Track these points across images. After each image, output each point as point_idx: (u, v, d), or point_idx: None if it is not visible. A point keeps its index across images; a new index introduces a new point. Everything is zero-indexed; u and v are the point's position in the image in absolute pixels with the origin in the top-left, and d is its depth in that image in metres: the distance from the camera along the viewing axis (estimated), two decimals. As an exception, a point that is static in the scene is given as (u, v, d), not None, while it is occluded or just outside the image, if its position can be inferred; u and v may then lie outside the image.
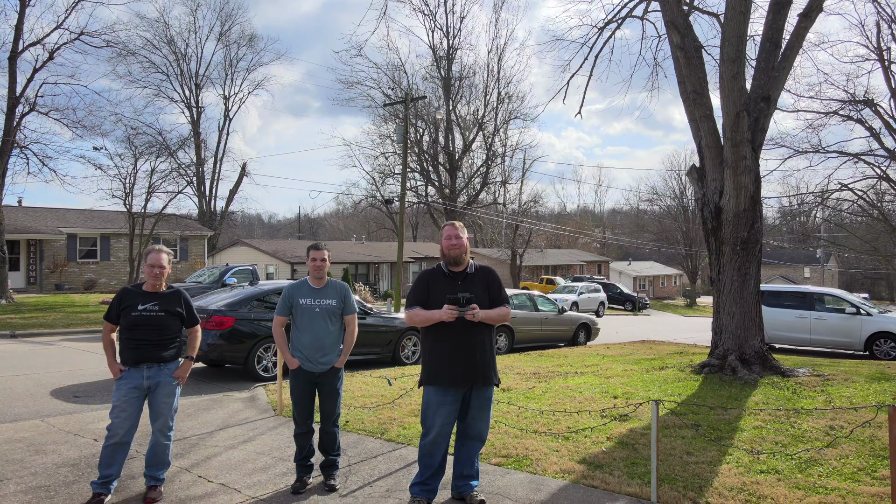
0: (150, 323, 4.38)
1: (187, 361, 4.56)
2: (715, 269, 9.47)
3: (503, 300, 4.37)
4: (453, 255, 4.33)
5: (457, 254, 4.32)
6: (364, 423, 6.51)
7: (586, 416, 6.85)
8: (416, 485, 4.36)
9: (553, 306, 15.40)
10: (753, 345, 9.07)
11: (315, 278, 4.72)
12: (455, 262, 4.34)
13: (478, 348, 4.24)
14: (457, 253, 4.32)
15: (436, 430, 4.24)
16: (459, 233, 4.36)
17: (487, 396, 4.34)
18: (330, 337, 4.68)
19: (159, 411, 4.45)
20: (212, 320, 9.35)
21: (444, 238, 4.39)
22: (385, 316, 11.82)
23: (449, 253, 4.34)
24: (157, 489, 4.46)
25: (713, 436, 6.00)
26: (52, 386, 8.74)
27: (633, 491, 4.56)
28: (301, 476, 4.70)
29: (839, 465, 5.08)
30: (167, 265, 4.48)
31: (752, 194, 8.90)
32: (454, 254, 4.32)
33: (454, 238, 4.34)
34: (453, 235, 4.34)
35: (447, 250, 4.34)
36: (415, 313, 4.31)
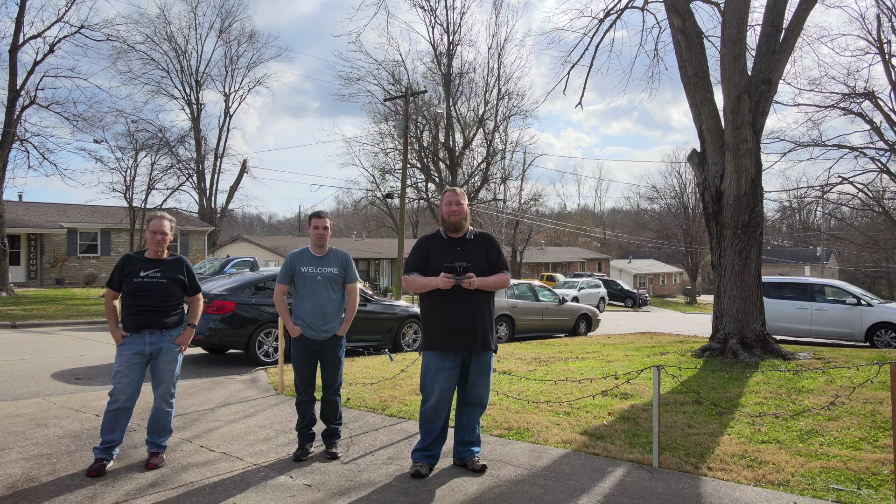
0: (153, 289, 4.38)
1: (189, 329, 4.56)
2: (716, 253, 9.47)
3: (502, 266, 4.35)
4: (453, 222, 4.31)
5: (457, 220, 4.31)
6: (365, 401, 6.51)
7: (588, 395, 6.85)
8: (418, 451, 4.36)
9: (554, 297, 15.40)
10: (754, 328, 9.07)
11: (316, 246, 4.72)
12: (454, 229, 4.33)
13: (476, 314, 4.23)
14: (457, 220, 4.31)
15: (436, 396, 4.24)
16: (460, 199, 4.34)
17: (486, 362, 4.33)
18: (332, 305, 4.68)
19: (161, 377, 4.45)
20: (212, 305, 9.35)
21: (444, 204, 4.37)
22: (386, 303, 11.83)
23: (449, 219, 4.32)
24: (159, 455, 4.46)
25: (714, 411, 6.00)
26: (53, 370, 8.74)
27: (635, 457, 4.56)
28: (303, 444, 4.70)
29: (840, 436, 5.09)
30: (169, 232, 4.48)
31: (753, 177, 8.90)
32: (454, 220, 4.31)
33: (454, 204, 4.32)
34: (454, 201, 4.33)
35: (447, 216, 4.33)
36: (412, 279, 4.31)
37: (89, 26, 21.11)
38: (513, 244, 45.28)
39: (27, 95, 20.23)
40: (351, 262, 4.83)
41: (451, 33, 35.69)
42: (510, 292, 14.33)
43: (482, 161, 40.52)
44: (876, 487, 3.89)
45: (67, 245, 27.28)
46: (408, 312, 11.67)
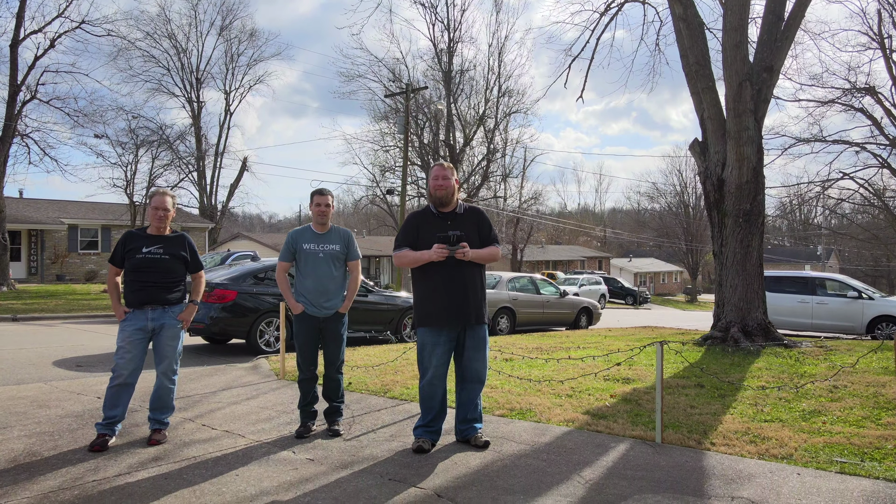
0: (155, 265, 4.37)
1: (191, 305, 4.56)
2: (717, 242, 9.46)
3: (493, 239, 4.34)
4: (440, 196, 4.29)
5: (443, 194, 4.29)
6: (367, 385, 6.51)
7: (590, 379, 6.85)
8: (420, 427, 4.35)
9: (555, 290, 15.39)
10: (756, 317, 9.06)
11: (318, 223, 4.71)
12: (442, 203, 4.31)
13: (469, 287, 4.22)
14: (443, 194, 4.29)
15: (432, 371, 4.23)
16: (448, 174, 4.32)
17: (482, 336, 4.32)
18: (334, 282, 4.67)
19: (164, 354, 4.44)
20: (214, 294, 9.35)
21: (431, 178, 4.35)
22: (387, 294, 11.83)
23: (436, 193, 4.30)
24: (162, 432, 4.45)
25: (717, 393, 5.99)
26: (54, 357, 8.74)
27: (638, 434, 4.55)
28: (305, 421, 4.70)
29: (843, 415, 5.08)
30: (171, 208, 4.48)
31: (755, 166, 8.89)
32: (440, 194, 4.29)
33: (441, 179, 4.30)
34: (441, 176, 4.30)
35: (434, 191, 4.30)
36: (403, 254, 4.28)
37: (90, 22, 21.13)
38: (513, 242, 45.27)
39: (28, 90, 20.23)
40: (353, 239, 4.82)
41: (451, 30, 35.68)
42: (511, 285, 14.32)
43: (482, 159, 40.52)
44: (880, 460, 3.89)
45: (68, 241, 27.27)
46: (409, 304, 11.67)
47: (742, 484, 3.55)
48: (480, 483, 3.61)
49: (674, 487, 3.51)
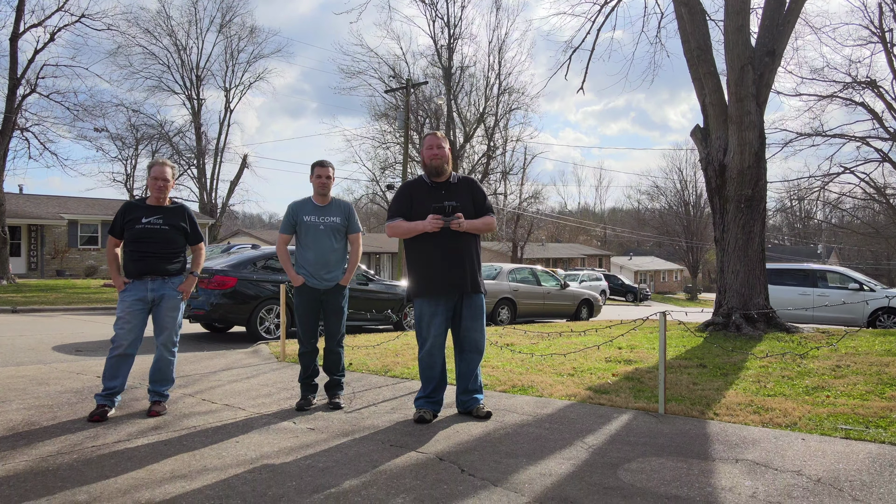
0: (155, 236, 4.34)
1: (191, 277, 4.52)
2: (719, 228, 9.43)
3: (488, 209, 4.30)
4: (434, 166, 4.25)
5: (438, 164, 4.24)
6: (368, 366, 6.48)
7: (592, 359, 6.82)
8: (421, 398, 4.32)
9: (555, 281, 15.36)
10: (758, 303, 9.03)
11: (319, 195, 4.68)
12: (437, 173, 4.27)
13: (465, 256, 4.18)
14: (438, 163, 4.24)
15: (430, 341, 4.20)
16: (441, 142, 4.27)
17: (478, 304, 4.29)
18: (335, 254, 4.64)
19: (164, 325, 4.41)
20: (214, 280, 9.32)
21: (425, 148, 4.29)
22: (388, 283, 11.79)
23: (430, 163, 4.25)
24: (161, 404, 4.42)
25: (719, 372, 5.97)
26: (54, 343, 8.72)
27: (641, 406, 4.53)
28: (305, 394, 4.67)
29: (847, 390, 5.05)
30: (171, 179, 4.45)
31: (757, 150, 8.86)
32: (435, 164, 4.24)
33: (436, 148, 4.24)
34: (435, 145, 4.25)
35: (428, 160, 4.25)
36: (397, 224, 4.23)
37: (90, 16, 21.11)
38: (514, 239, 45.24)
39: (28, 84, 20.20)
40: (354, 211, 4.80)
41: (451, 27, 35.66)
42: (512, 276, 14.29)
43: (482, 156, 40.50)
44: (885, 427, 3.86)
45: (68, 237, 27.24)
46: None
47: (746, 448, 3.52)
48: (483, 448, 3.58)
49: (677, 452, 3.48)
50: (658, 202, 67.26)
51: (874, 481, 2.95)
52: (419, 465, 3.27)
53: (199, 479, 3.06)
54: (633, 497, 2.80)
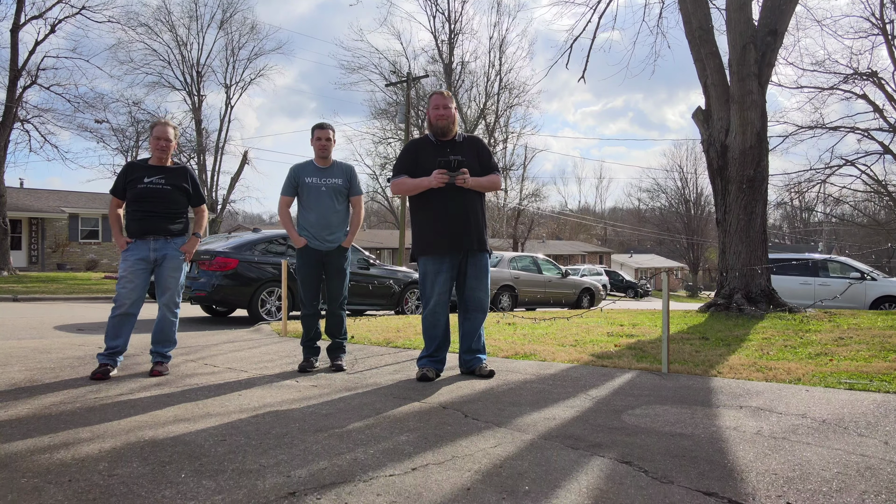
0: (157, 195, 4.33)
1: (194, 238, 4.52)
2: (720, 209, 9.42)
3: (493, 168, 4.28)
4: (441, 126, 4.22)
5: (444, 124, 4.22)
6: (370, 339, 6.48)
7: (594, 334, 6.82)
8: (424, 357, 4.31)
9: (557, 270, 15.36)
10: (760, 283, 9.02)
11: (320, 157, 4.66)
12: (443, 133, 4.23)
13: (470, 213, 4.16)
14: (444, 123, 4.21)
15: (434, 299, 4.19)
16: (448, 102, 4.23)
17: (483, 264, 4.28)
18: (337, 216, 4.63)
19: (166, 285, 4.40)
20: (215, 261, 9.31)
21: (431, 108, 4.25)
22: (389, 269, 11.78)
23: (437, 123, 4.22)
24: (164, 364, 4.42)
25: (721, 344, 5.95)
26: (55, 324, 8.72)
27: (644, 367, 4.52)
28: (308, 357, 4.66)
29: (850, 356, 5.04)
30: (173, 139, 4.44)
31: (759, 131, 8.85)
32: (442, 124, 4.21)
33: (442, 108, 4.21)
34: (441, 105, 4.21)
35: (435, 120, 4.22)
36: (401, 181, 4.20)
37: (90, 8, 21.09)
38: (514, 236, 45.24)
39: (28, 76, 20.19)
40: (355, 174, 4.78)
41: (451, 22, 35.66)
42: (513, 264, 14.29)
43: (483, 152, 40.44)
44: (889, 381, 3.85)
45: (69, 230, 27.24)
46: (410, 279, 11.64)
47: (750, 397, 3.51)
48: (486, 399, 3.57)
49: (681, 401, 3.47)
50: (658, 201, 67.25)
51: (879, 422, 2.94)
52: (423, 412, 3.27)
53: (202, 422, 3.05)
54: (638, 434, 2.79)
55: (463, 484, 2.19)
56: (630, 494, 2.07)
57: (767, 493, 2.07)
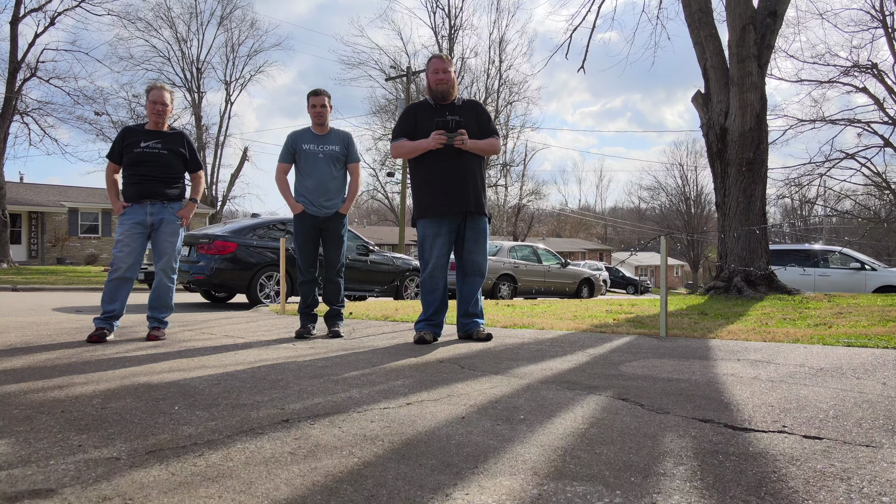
0: (153, 159, 4.32)
1: (191, 203, 4.50)
2: (720, 192, 9.40)
3: (493, 132, 4.25)
4: (440, 90, 4.19)
5: (444, 88, 4.19)
6: (368, 315, 6.47)
7: (592, 311, 6.80)
8: (421, 321, 4.30)
9: (556, 259, 15.34)
10: (759, 266, 9.00)
11: (317, 125, 4.65)
12: (442, 98, 4.20)
13: (468, 176, 4.14)
14: (444, 88, 4.19)
15: (433, 262, 4.17)
16: (447, 66, 4.19)
17: (482, 227, 4.26)
18: (334, 182, 4.62)
19: (163, 250, 4.39)
20: (214, 245, 9.30)
21: (430, 72, 4.21)
22: (387, 255, 11.77)
23: (436, 87, 4.18)
24: (161, 330, 4.41)
25: (720, 318, 5.94)
26: (54, 306, 8.71)
27: (642, 332, 4.51)
28: (305, 323, 4.65)
29: (850, 325, 5.02)
30: (170, 104, 4.43)
31: (758, 113, 8.83)
32: (441, 88, 4.19)
33: (441, 72, 4.17)
34: (441, 69, 4.18)
35: (434, 84, 4.18)
36: (400, 144, 4.18)
37: (90, 1, 21.08)
38: (514, 233, 45.23)
39: (28, 68, 20.19)
40: (353, 141, 4.77)
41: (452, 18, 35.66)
42: (513, 253, 14.28)
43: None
44: (888, 340, 3.83)
45: (68, 225, 27.23)
46: (409, 265, 11.63)
47: (748, 353, 3.50)
48: (483, 356, 3.56)
49: (678, 356, 3.46)
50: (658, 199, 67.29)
51: (877, 369, 2.93)
52: (419, 364, 3.26)
53: (197, 371, 3.04)
54: (634, 380, 2.78)
55: (458, 414, 2.18)
56: (626, 422, 2.06)
57: (764, 420, 2.05)
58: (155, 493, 1.43)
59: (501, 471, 1.60)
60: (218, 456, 1.71)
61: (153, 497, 1.41)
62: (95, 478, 1.54)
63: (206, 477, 1.55)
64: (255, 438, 1.88)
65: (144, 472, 1.58)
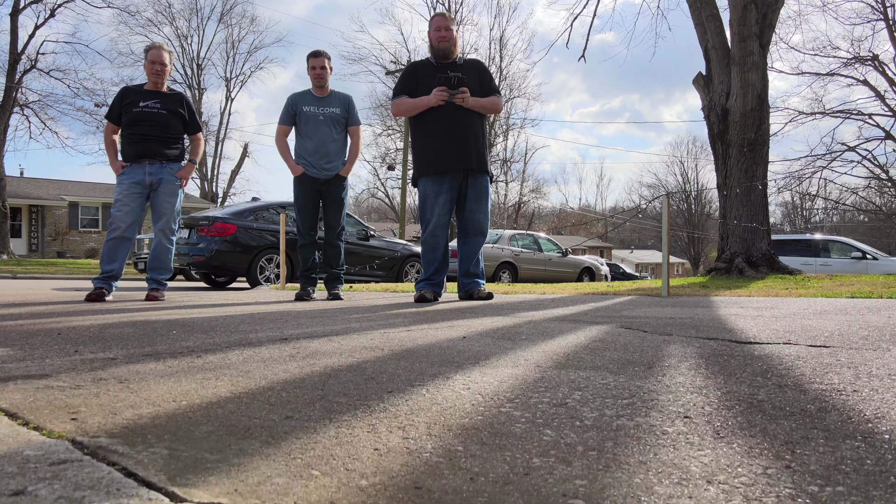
0: (152, 119, 4.30)
1: (190, 164, 4.48)
2: (721, 173, 9.37)
3: (494, 90, 4.22)
4: (442, 48, 4.16)
5: (446, 46, 4.16)
6: (369, 290, 6.45)
7: (593, 286, 6.78)
8: (422, 281, 4.28)
9: (557, 248, 15.31)
10: (760, 247, 8.97)
11: (317, 87, 4.62)
12: (444, 56, 4.17)
13: (470, 133, 4.10)
14: (446, 45, 4.16)
15: (434, 220, 4.14)
16: (450, 24, 4.16)
17: (484, 186, 4.22)
18: (335, 144, 4.59)
19: (162, 210, 4.37)
20: (214, 227, 9.27)
21: (433, 29, 4.17)
22: (388, 240, 11.74)
23: (438, 45, 4.15)
24: (160, 291, 4.39)
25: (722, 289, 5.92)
26: (54, 287, 8.69)
27: (644, 293, 4.48)
28: (305, 286, 4.63)
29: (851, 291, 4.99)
30: (168, 63, 4.40)
31: (760, 93, 8.80)
32: (443, 46, 4.15)
33: (444, 30, 4.14)
34: (443, 27, 4.15)
35: (436, 42, 4.15)
36: (401, 101, 4.13)
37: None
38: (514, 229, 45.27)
39: (28, 60, 20.17)
40: (353, 104, 4.74)
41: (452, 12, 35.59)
42: (513, 241, 14.25)
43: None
44: (891, 296, 3.81)
45: (69, 219, 27.20)
46: (409, 251, 11.60)
47: (751, 303, 3.48)
48: (484, 309, 3.53)
49: (681, 306, 3.44)
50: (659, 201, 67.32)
51: (881, 309, 2.91)
52: (416, 313, 3.23)
53: (196, 313, 3.02)
54: (636, 318, 2.75)
55: (459, 335, 2.16)
56: (628, 339, 2.04)
57: (768, 338, 2.03)
58: (151, 377, 1.41)
59: (503, 364, 1.58)
60: (216, 357, 1.69)
61: (149, 379, 1.38)
62: (90, 369, 1.51)
63: (204, 368, 1.52)
64: (253, 348, 1.86)
65: (141, 366, 1.56)
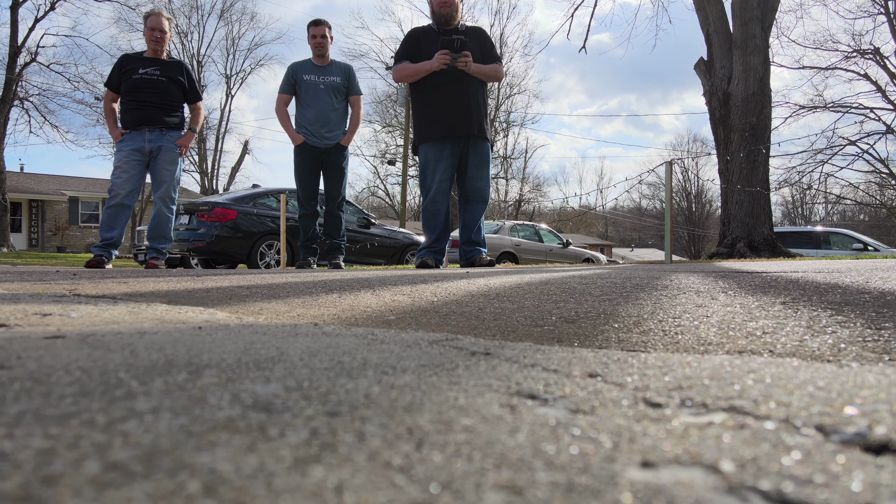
0: (152, 86, 4.26)
1: (190, 132, 4.44)
2: (723, 159, 9.34)
3: (496, 58, 4.20)
4: (444, 14, 4.13)
5: (448, 12, 4.13)
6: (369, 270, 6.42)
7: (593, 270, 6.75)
8: (423, 248, 4.25)
9: (558, 240, 15.28)
10: (762, 232, 8.93)
11: (317, 55, 4.59)
12: (446, 22, 4.15)
13: (471, 99, 4.07)
14: (448, 11, 4.13)
15: (435, 186, 4.10)
16: None
17: (485, 153, 4.20)
18: (335, 113, 4.56)
19: (161, 178, 4.33)
20: (214, 212, 9.24)
21: None
22: (389, 228, 11.72)
23: (440, 11, 4.13)
24: (159, 259, 4.35)
25: (725, 267, 5.89)
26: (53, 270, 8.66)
27: (646, 264, 4.45)
28: (305, 256, 4.60)
29: (857, 265, 4.97)
30: (168, 30, 4.36)
31: (761, 76, 8.76)
32: (445, 12, 4.13)
33: None
34: None
35: (438, 8, 4.12)
36: (403, 66, 4.09)
37: (90, -14, 20.99)
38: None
39: (28, 53, 20.13)
40: (354, 74, 4.71)
41: (452, 8, 35.61)
42: (514, 231, 14.22)
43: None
44: None
45: (69, 214, 27.17)
46: (410, 240, 11.57)
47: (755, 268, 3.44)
48: (487, 272, 3.50)
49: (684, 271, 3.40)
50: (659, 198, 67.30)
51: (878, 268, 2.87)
52: (419, 275, 3.20)
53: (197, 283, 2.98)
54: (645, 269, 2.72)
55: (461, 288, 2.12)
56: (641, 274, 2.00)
57: (783, 271, 1.99)
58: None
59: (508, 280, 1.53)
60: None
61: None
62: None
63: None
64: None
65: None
